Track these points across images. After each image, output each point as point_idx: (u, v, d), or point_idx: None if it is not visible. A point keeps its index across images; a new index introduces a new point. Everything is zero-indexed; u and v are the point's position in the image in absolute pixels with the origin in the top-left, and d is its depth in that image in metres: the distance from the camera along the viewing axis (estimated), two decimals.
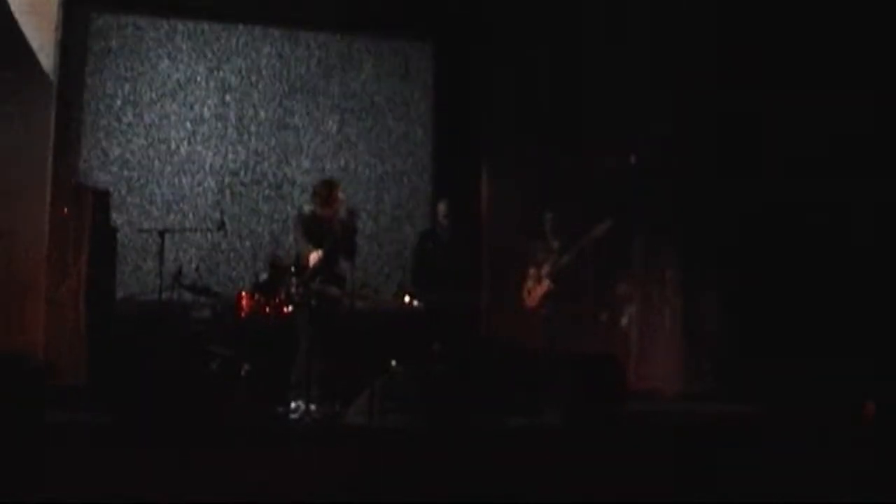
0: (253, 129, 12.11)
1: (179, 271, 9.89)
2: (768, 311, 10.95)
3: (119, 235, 10.89)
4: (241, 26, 12.14)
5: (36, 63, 9.96)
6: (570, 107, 11.51)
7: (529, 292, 10.70)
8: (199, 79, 11.95)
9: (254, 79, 12.16)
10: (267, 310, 9.41)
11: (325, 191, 9.53)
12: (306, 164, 12.18)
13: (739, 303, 11.32)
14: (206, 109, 11.94)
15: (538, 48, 11.71)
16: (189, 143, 11.89)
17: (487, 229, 11.96)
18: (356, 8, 12.05)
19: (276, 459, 7.24)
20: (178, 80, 11.89)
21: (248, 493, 6.28)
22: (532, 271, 10.71)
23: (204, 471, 6.67)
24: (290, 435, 8.54)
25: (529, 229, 10.91)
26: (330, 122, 12.34)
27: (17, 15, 9.72)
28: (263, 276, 9.83)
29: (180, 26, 11.97)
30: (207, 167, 11.91)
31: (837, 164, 10.50)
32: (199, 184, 11.86)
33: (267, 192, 12.03)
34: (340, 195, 9.54)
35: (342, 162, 12.29)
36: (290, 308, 9.29)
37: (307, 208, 9.63)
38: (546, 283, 10.55)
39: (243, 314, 9.47)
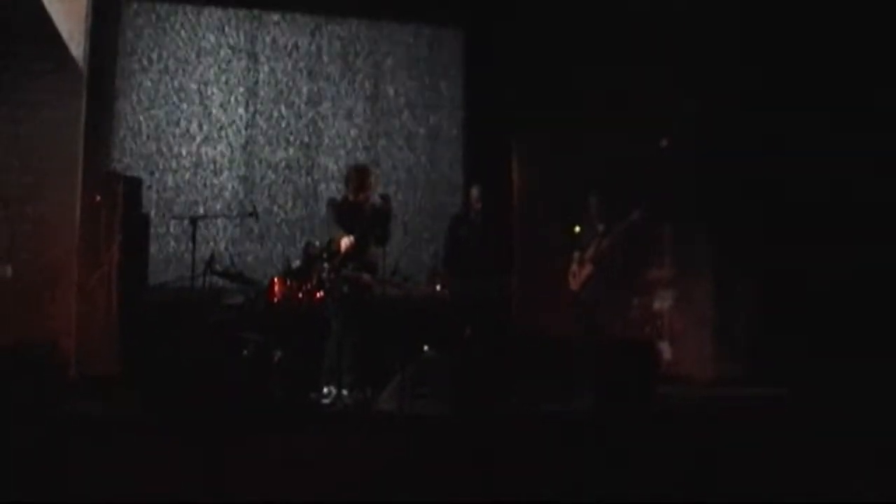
0: (284, 116, 12.11)
1: (212, 258, 9.90)
2: (800, 295, 10.90)
3: (150, 222, 10.93)
4: (271, 14, 12.13)
5: (66, 52, 10.02)
6: (601, 90, 11.44)
7: (574, 275, 10.68)
8: (230, 66, 11.96)
9: (284, 66, 12.15)
10: (299, 296, 9.40)
11: (358, 176, 9.52)
12: (337, 150, 12.18)
13: (771, 287, 11.26)
14: (236, 97, 11.95)
15: (567, 31, 11.62)
16: (220, 130, 11.91)
17: (518, 214, 11.92)
18: None
19: (308, 445, 7.27)
20: (208, 68, 11.89)
21: (280, 478, 6.29)
22: (577, 254, 10.69)
23: (236, 457, 6.70)
24: (322, 420, 8.56)
25: (579, 212, 10.86)
26: (359, 109, 12.32)
27: (46, 4, 9.79)
28: (296, 263, 9.82)
29: (211, 14, 11.96)
30: (238, 154, 11.92)
31: (874, 148, 10.45)
32: (231, 170, 11.88)
33: (298, 178, 12.04)
34: (373, 181, 9.54)
35: (372, 148, 12.28)
36: (322, 294, 9.29)
37: (340, 194, 9.61)
38: (589, 267, 10.54)
39: (276, 300, 9.47)
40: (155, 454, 6.70)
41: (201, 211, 11.26)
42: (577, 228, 10.70)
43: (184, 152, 11.72)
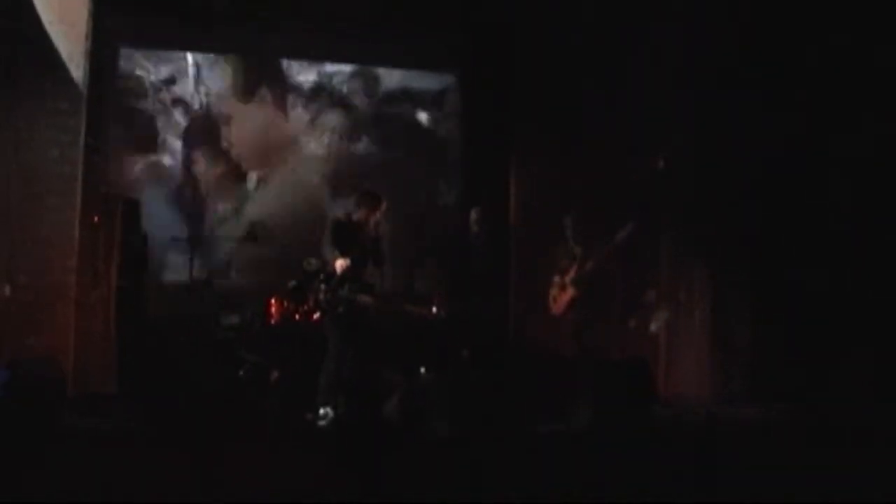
0: (282, 135, 12.15)
1: (209, 278, 9.94)
2: (797, 313, 10.91)
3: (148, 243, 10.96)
4: (272, 33, 12.10)
5: (66, 72, 10.03)
6: (600, 110, 11.46)
7: (555, 299, 10.58)
8: (229, 86, 12.00)
9: (283, 84, 12.20)
10: (296, 316, 9.44)
11: (369, 202, 9.46)
12: (336, 169, 12.21)
13: (768, 306, 11.27)
14: (236, 116, 12.00)
15: (569, 50, 11.63)
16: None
17: (516, 234, 11.92)
18: (387, 9, 12.01)
19: (305, 465, 7.28)
20: (208, 88, 11.94)
21: (277, 497, 6.31)
22: (556, 278, 10.60)
23: (232, 476, 6.71)
24: (319, 438, 8.58)
25: (553, 235, 10.83)
26: (360, 128, 12.36)
27: (46, 25, 9.80)
28: (293, 283, 9.84)
29: (212, 34, 11.97)
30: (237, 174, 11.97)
31: (874, 160, 10.51)
32: (228, 193, 11.92)
33: (296, 198, 12.06)
34: (382, 207, 9.47)
35: (371, 168, 12.30)
36: (319, 315, 9.31)
37: (338, 215, 9.59)
38: (571, 290, 10.44)
39: (273, 321, 9.51)
40: (150, 472, 6.72)
41: (198, 233, 11.29)
42: None
43: (182, 173, 11.77)
